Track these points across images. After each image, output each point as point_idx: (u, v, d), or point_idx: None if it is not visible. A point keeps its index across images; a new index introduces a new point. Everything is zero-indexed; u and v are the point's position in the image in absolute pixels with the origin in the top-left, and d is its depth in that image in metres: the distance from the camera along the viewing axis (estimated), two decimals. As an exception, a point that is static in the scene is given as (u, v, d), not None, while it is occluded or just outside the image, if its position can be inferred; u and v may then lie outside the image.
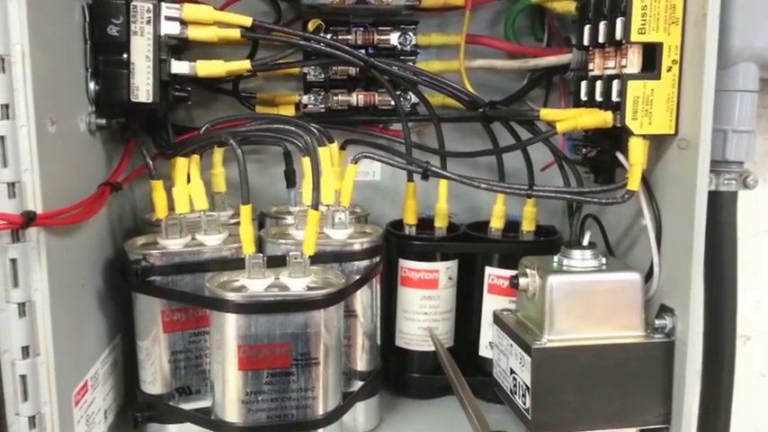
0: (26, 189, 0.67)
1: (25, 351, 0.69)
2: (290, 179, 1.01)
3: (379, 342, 0.97)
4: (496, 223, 1.01)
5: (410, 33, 1.01)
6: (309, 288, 0.81)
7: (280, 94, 1.06)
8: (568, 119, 0.84)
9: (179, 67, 0.87)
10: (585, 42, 0.87)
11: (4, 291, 0.68)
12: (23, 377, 0.70)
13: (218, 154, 0.94)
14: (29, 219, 0.66)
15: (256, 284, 0.80)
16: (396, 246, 1.00)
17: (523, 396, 0.80)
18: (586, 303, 0.80)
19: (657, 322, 0.80)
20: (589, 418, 0.80)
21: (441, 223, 1.01)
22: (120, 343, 0.93)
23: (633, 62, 0.78)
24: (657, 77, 0.77)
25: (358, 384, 0.92)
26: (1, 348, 0.69)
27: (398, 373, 1.03)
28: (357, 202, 1.01)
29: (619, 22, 0.78)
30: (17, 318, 0.69)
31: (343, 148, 0.98)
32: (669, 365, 0.79)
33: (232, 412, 0.80)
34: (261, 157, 1.07)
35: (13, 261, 0.68)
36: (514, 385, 0.82)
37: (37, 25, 0.67)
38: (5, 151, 0.66)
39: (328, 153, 0.85)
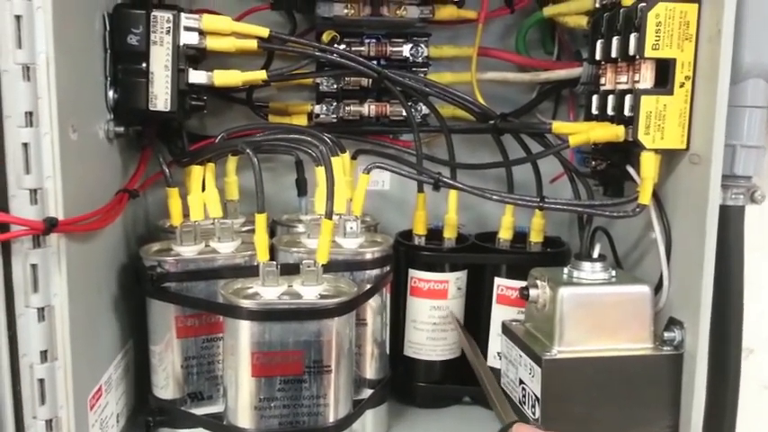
0: (48, 195, 0.68)
1: (43, 355, 0.70)
2: (302, 188, 1.02)
3: (387, 351, 0.97)
4: (505, 234, 1.01)
5: (422, 45, 1.02)
6: (322, 296, 0.82)
7: (292, 103, 1.06)
8: (581, 132, 0.86)
9: (197, 76, 0.88)
10: (597, 57, 0.88)
11: (24, 295, 0.69)
12: (41, 381, 0.70)
13: (231, 162, 0.95)
14: (51, 225, 0.67)
15: (270, 292, 0.81)
16: (405, 256, 1.01)
17: (533, 407, 0.81)
18: (596, 315, 0.81)
19: (666, 335, 0.81)
20: (598, 428, 0.81)
21: (450, 234, 1.01)
22: (131, 348, 0.93)
23: (646, 77, 0.80)
24: (670, 93, 0.79)
25: (367, 392, 0.93)
26: (20, 352, 0.69)
27: (406, 382, 1.04)
28: (366, 212, 1.01)
29: (632, 37, 0.79)
30: (36, 322, 0.69)
31: (354, 157, 0.98)
32: (677, 378, 0.81)
33: (244, 418, 0.81)
34: (272, 166, 1.08)
35: (34, 266, 0.69)
36: (523, 396, 0.83)
37: (61, 34, 0.68)
38: (29, 158, 0.67)
39: (341, 163, 0.86)
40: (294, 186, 1.03)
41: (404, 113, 1.02)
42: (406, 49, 1.02)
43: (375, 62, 1.00)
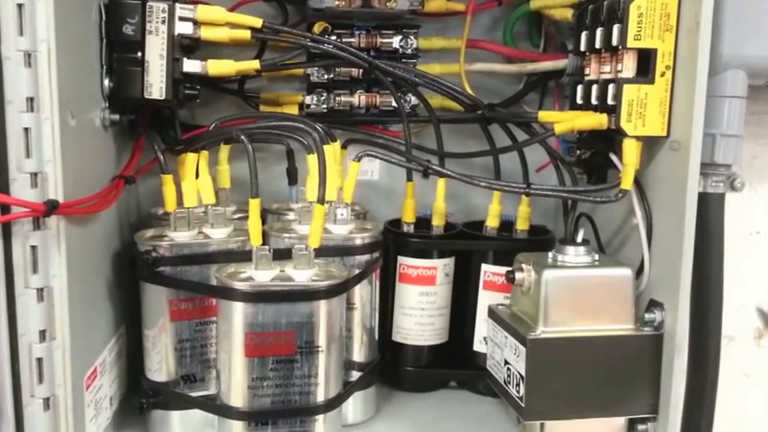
0: (48, 179, 0.69)
1: (42, 335, 0.71)
2: (292, 177, 1.04)
3: (376, 336, 0.99)
4: (492, 222, 1.03)
5: (412, 37, 1.04)
6: (313, 280, 0.84)
7: (283, 94, 1.08)
8: (566, 121, 0.88)
9: (191, 65, 0.89)
10: (582, 48, 0.90)
11: (24, 276, 0.70)
12: (40, 360, 0.72)
13: (223, 151, 0.96)
14: (52, 207, 0.68)
15: (263, 275, 0.83)
16: (394, 243, 1.02)
17: (517, 385, 0.82)
18: (579, 297, 0.83)
19: (647, 316, 0.83)
20: (580, 406, 0.82)
21: (438, 222, 1.03)
22: (124, 333, 0.95)
23: (628, 67, 0.82)
24: (651, 82, 0.81)
25: (356, 375, 0.95)
26: (19, 332, 0.71)
27: (394, 367, 1.05)
28: (355, 201, 1.02)
29: (615, 28, 0.81)
30: (35, 302, 0.71)
31: (344, 147, 1.00)
32: (657, 358, 0.82)
33: (237, 398, 0.82)
34: (263, 156, 1.08)
35: (34, 248, 0.70)
36: (508, 376, 0.85)
37: (61, 23, 0.69)
38: (29, 143, 0.68)
39: (331, 151, 0.87)
40: (284, 176, 1.04)
41: (393, 104, 1.04)
42: (395, 41, 1.04)
43: (365, 53, 1.01)
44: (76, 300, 0.75)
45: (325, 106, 1.06)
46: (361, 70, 1.04)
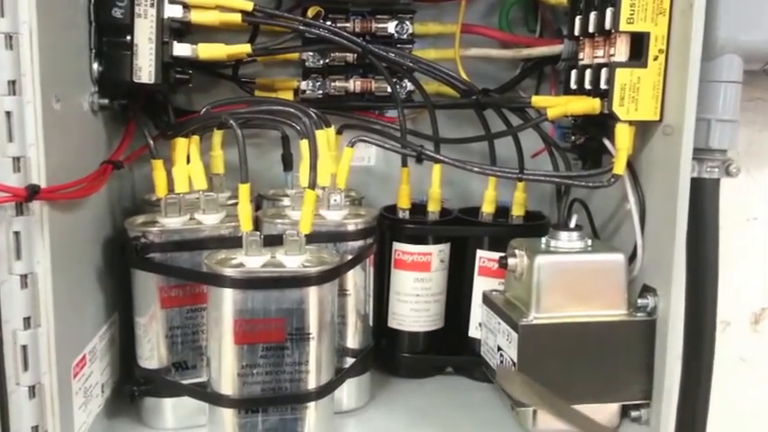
0: (31, 164, 0.68)
1: (26, 322, 0.71)
2: (288, 163, 1.03)
3: (371, 323, 0.99)
4: (487, 208, 1.02)
5: (407, 22, 1.03)
6: (304, 266, 0.83)
7: (279, 79, 1.07)
8: (558, 105, 0.87)
9: (181, 49, 0.88)
10: (576, 32, 0.89)
11: (7, 263, 0.69)
12: (24, 347, 0.71)
13: (217, 136, 0.95)
14: (33, 192, 0.67)
15: (253, 261, 0.82)
16: (389, 229, 1.02)
17: (510, 372, 0.82)
18: (572, 282, 0.82)
19: (640, 301, 0.83)
20: (573, 393, 0.82)
21: (433, 207, 1.02)
22: (117, 321, 0.94)
23: (621, 51, 0.81)
24: (644, 66, 0.80)
25: (349, 362, 0.94)
26: (3, 319, 0.70)
27: (390, 353, 1.05)
28: (352, 187, 1.02)
29: (608, 11, 0.81)
30: (19, 289, 0.70)
31: (339, 132, 0.99)
32: (650, 343, 0.82)
33: (227, 385, 0.82)
34: (259, 142, 1.08)
35: (17, 234, 0.69)
36: (501, 362, 0.84)
37: (44, 5, 0.68)
38: (11, 126, 0.67)
39: (325, 137, 0.87)
40: (280, 163, 1.04)
41: (389, 89, 1.03)
42: (391, 26, 1.03)
43: (360, 39, 0.99)
44: (62, 286, 0.74)
45: (320, 92, 1.05)
46: (356, 55, 1.03)
